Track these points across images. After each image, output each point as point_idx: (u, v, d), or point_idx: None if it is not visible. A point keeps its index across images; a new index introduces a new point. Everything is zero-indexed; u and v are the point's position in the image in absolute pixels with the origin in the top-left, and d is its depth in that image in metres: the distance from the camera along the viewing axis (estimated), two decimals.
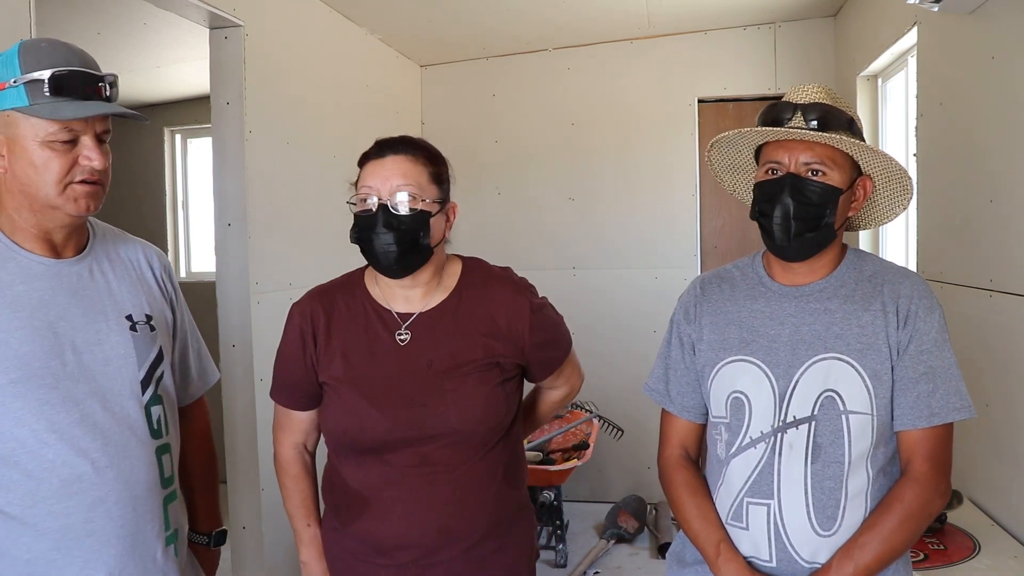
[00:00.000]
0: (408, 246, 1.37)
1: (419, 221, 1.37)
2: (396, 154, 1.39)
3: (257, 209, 2.71)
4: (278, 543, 2.77)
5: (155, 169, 4.96)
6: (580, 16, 3.65)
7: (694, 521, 1.38)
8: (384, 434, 1.37)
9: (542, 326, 1.47)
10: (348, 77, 3.49)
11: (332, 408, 1.43)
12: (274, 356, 1.55)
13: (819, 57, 3.82)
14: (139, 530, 1.26)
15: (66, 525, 1.20)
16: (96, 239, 1.35)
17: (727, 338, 1.37)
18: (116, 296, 1.32)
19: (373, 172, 1.39)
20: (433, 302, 1.45)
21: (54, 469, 1.19)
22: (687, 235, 4.02)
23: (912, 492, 1.26)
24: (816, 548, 1.28)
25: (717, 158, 1.46)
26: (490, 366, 1.41)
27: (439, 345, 1.41)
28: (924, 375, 1.27)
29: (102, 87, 1.20)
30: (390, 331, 1.43)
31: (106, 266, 1.33)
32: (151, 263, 1.42)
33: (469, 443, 1.39)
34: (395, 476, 1.38)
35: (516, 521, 1.49)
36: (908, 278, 1.33)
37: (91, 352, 1.25)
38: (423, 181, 1.39)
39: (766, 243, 1.36)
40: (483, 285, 1.47)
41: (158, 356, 1.35)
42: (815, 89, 1.33)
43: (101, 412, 1.24)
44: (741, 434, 1.33)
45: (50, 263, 1.25)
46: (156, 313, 1.37)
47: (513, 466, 1.48)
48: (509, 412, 1.45)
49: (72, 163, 1.19)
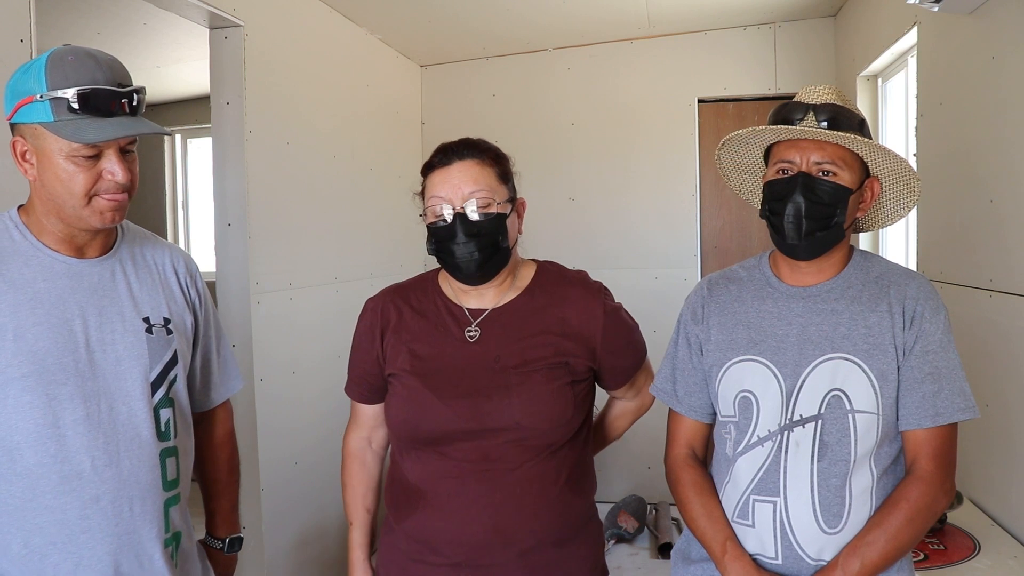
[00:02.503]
0: (490, 252, 1.36)
1: (497, 225, 1.37)
2: (462, 159, 1.38)
3: (257, 209, 2.71)
4: (278, 543, 2.77)
5: (155, 169, 4.96)
6: (580, 16, 3.65)
7: (700, 519, 1.38)
8: (445, 424, 1.36)
9: (615, 331, 1.45)
10: (348, 77, 3.49)
11: (396, 397, 1.43)
12: (274, 356, 1.55)
13: (819, 57, 3.82)
14: (135, 530, 1.27)
15: (62, 521, 1.21)
16: (124, 241, 1.37)
17: (735, 338, 1.38)
18: (136, 297, 1.34)
19: (442, 181, 1.37)
20: (505, 300, 1.44)
21: (54, 465, 1.21)
22: (687, 235, 4.02)
23: (918, 490, 1.27)
24: (822, 546, 1.28)
25: (726, 157, 1.47)
26: (559, 365, 1.39)
27: (508, 341, 1.40)
28: (929, 375, 1.28)
29: (125, 102, 1.22)
30: (460, 327, 1.42)
31: (129, 268, 1.35)
32: (176, 268, 1.44)
33: (532, 441, 1.36)
34: (453, 470, 1.37)
35: (581, 533, 1.44)
36: (914, 280, 1.34)
37: (103, 351, 1.27)
38: (493, 183, 1.39)
39: (776, 241, 1.36)
40: (556, 285, 1.46)
41: (172, 359, 1.35)
42: (826, 90, 1.34)
43: (107, 411, 1.25)
44: (749, 432, 1.34)
45: (72, 262, 1.28)
46: (175, 317, 1.39)
47: (579, 474, 1.45)
48: (577, 414, 1.42)
49: (96, 177, 1.21)
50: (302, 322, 2.98)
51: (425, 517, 1.38)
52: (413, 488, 1.41)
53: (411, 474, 1.42)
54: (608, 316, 1.45)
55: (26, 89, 1.19)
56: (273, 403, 2.74)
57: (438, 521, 1.37)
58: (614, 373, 1.49)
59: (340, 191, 3.30)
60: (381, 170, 3.70)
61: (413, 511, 1.40)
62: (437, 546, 1.38)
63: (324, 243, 3.17)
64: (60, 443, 1.21)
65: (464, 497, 1.36)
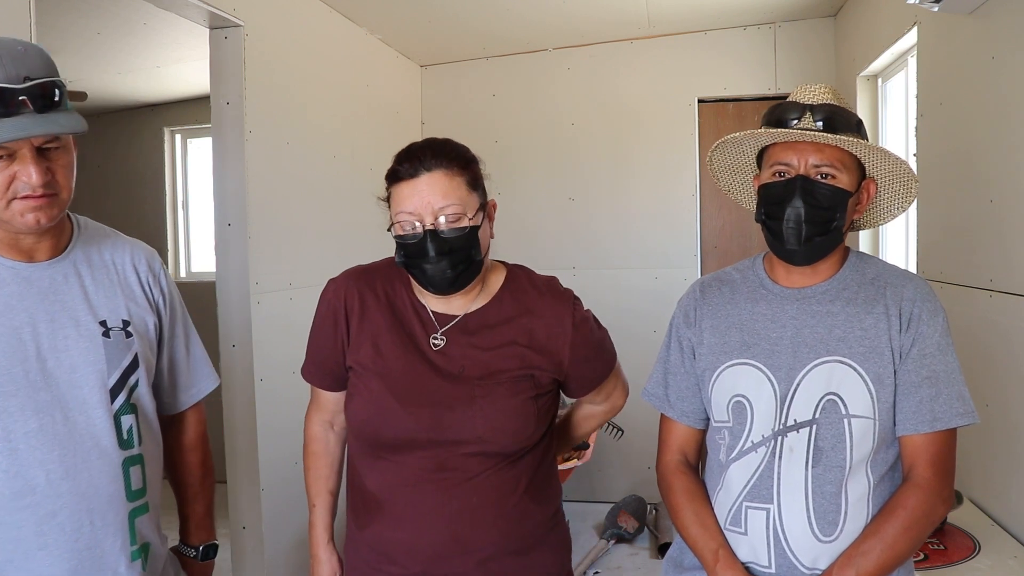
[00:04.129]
0: (463, 266, 1.32)
1: (469, 239, 1.31)
2: (430, 172, 1.30)
3: (257, 209, 2.71)
4: (278, 543, 2.77)
5: (155, 169, 4.96)
6: (580, 16, 3.65)
7: (692, 527, 1.36)
8: (406, 432, 1.33)
9: (583, 342, 1.40)
10: (348, 77, 3.49)
11: (358, 397, 1.38)
12: (274, 356, 1.53)
13: (819, 57, 3.82)
14: (97, 544, 1.21)
15: (17, 538, 1.16)
16: (79, 240, 1.30)
17: (728, 341, 1.35)
18: (91, 301, 1.27)
19: (410, 195, 1.30)
20: (473, 307, 1.40)
21: (6, 480, 1.15)
22: (687, 235, 4.02)
23: (915, 498, 1.24)
24: (817, 554, 1.25)
25: (719, 158, 1.44)
26: (524, 378, 1.36)
27: (474, 351, 1.36)
28: (927, 379, 1.26)
29: (26, 99, 1.10)
30: (426, 332, 1.38)
31: (84, 269, 1.29)
32: (137, 266, 1.37)
33: (491, 453, 1.34)
34: (410, 480, 1.34)
35: (543, 541, 1.42)
36: (911, 281, 1.31)
37: (57, 359, 1.21)
38: (463, 194, 1.31)
39: (773, 246, 1.33)
40: (525, 294, 1.42)
41: (132, 363, 1.29)
42: (822, 90, 1.31)
43: (62, 421, 1.20)
44: (743, 438, 1.31)
45: (20, 267, 1.22)
46: (135, 319, 1.32)
47: (540, 482, 1.42)
48: (539, 428, 1.39)
49: (11, 179, 1.13)
50: (302, 322, 2.95)
51: (383, 527, 1.36)
52: (371, 496, 1.38)
53: (369, 481, 1.39)
54: (577, 329, 1.40)
55: None
56: (273, 403, 2.74)
57: (395, 531, 1.35)
58: (581, 383, 1.46)
59: (340, 191, 3.30)
60: (381, 170, 3.66)
61: (372, 520, 1.38)
62: (395, 556, 1.35)
63: (324, 243, 3.17)
64: (12, 457, 1.15)
65: (421, 507, 1.33)
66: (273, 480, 2.75)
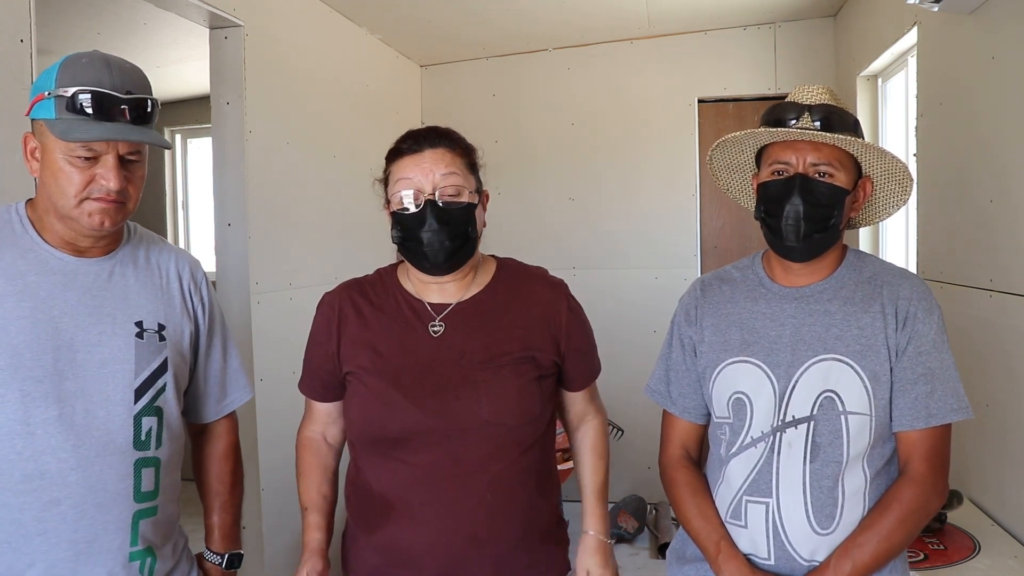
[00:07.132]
0: (460, 241, 1.33)
1: (468, 213, 1.34)
2: (433, 147, 1.35)
3: (257, 209, 2.71)
4: (278, 543, 2.77)
5: (155, 169, 4.94)
6: (580, 16, 3.65)
7: (694, 520, 1.39)
8: (412, 422, 1.32)
9: (579, 328, 1.45)
10: (348, 77, 3.49)
11: (357, 397, 1.38)
12: (274, 356, 1.53)
13: (819, 57, 3.82)
14: (96, 539, 1.22)
15: (19, 520, 1.18)
16: (129, 243, 1.35)
17: (728, 339, 1.38)
18: (131, 300, 1.31)
19: (412, 165, 1.34)
20: (468, 294, 1.41)
21: (18, 462, 1.18)
22: (687, 235, 4.02)
23: (910, 492, 1.27)
24: (815, 547, 1.28)
25: (718, 156, 1.46)
26: (525, 359, 1.37)
27: (473, 337, 1.37)
28: (922, 376, 1.28)
29: (126, 108, 1.20)
30: (423, 322, 1.39)
31: (129, 270, 1.33)
32: (180, 273, 1.40)
33: (501, 440, 1.34)
34: (424, 477, 1.33)
35: (549, 538, 1.44)
36: (907, 280, 1.34)
37: (88, 352, 1.24)
38: (463, 171, 1.36)
39: (772, 243, 1.36)
40: (519, 280, 1.45)
41: (161, 367, 1.31)
42: (819, 90, 1.34)
43: (82, 413, 1.22)
44: (743, 434, 1.34)
45: (69, 260, 1.27)
46: (171, 324, 1.35)
47: (545, 477, 1.44)
48: (544, 411, 1.40)
49: (90, 180, 1.20)
50: (302, 322, 2.95)
51: (397, 529, 1.34)
52: (380, 499, 1.36)
53: (376, 483, 1.37)
54: (572, 312, 1.44)
55: (41, 86, 1.21)
56: (273, 403, 2.73)
57: (411, 533, 1.33)
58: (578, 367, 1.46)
59: (340, 191, 3.30)
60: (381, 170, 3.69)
61: (383, 524, 1.36)
62: (412, 558, 1.34)
63: (324, 243, 3.17)
64: (28, 440, 1.18)
65: (437, 505, 1.32)
66: (273, 480, 2.75)
